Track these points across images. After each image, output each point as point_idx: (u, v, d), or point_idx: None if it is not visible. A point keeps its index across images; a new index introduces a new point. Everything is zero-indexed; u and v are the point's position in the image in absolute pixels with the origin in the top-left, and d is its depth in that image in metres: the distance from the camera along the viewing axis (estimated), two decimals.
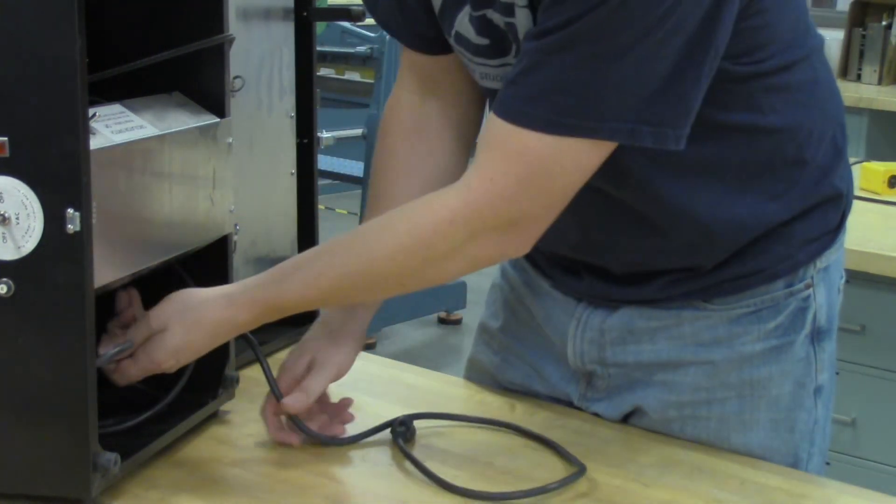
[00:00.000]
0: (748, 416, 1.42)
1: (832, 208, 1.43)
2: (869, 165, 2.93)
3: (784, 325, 1.41)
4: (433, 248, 1.26)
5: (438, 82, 1.49)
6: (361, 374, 1.57)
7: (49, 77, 1.12)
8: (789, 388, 1.42)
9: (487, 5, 1.31)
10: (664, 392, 1.44)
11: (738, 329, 1.41)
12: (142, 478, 1.27)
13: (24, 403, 1.16)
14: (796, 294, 1.41)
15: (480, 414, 1.48)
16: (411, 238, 1.26)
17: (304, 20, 1.64)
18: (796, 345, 1.42)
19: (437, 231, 1.25)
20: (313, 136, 1.68)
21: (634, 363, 1.45)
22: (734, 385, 1.42)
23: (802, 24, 1.36)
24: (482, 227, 1.24)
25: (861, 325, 2.55)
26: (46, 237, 1.13)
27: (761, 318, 1.40)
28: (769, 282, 1.40)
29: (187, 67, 1.37)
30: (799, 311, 1.42)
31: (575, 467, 1.32)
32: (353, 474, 1.31)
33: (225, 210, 1.40)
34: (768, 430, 1.42)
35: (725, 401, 1.42)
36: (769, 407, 1.42)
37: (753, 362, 1.41)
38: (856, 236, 2.49)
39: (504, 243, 1.27)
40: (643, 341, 1.44)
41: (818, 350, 1.43)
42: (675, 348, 1.42)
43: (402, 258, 1.27)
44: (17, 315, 1.15)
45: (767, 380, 1.41)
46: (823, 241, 1.43)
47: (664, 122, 1.20)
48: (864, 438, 2.63)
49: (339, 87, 5.28)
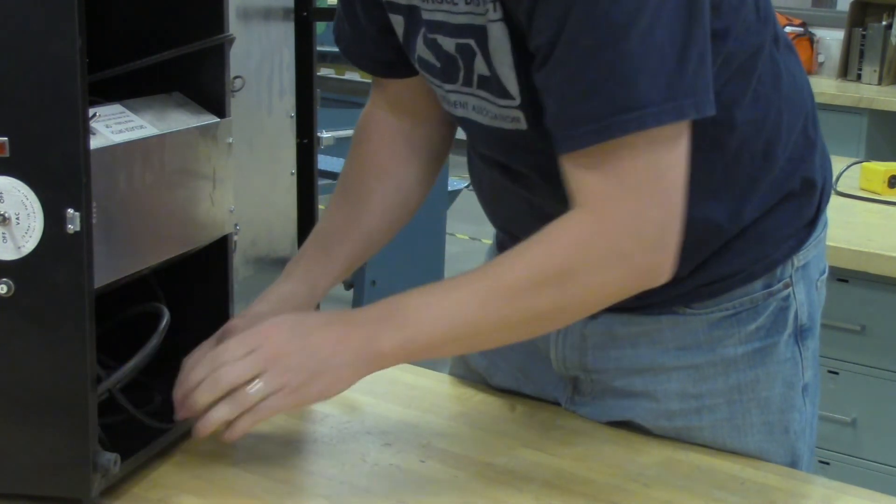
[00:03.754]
0: (740, 422, 1.41)
1: (806, 201, 1.41)
2: (869, 165, 2.93)
3: (766, 327, 1.41)
4: (572, 277, 1.23)
5: (407, 102, 1.49)
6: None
7: (49, 77, 1.12)
8: (779, 390, 1.42)
9: (438, 30, 1.30)
10: (651, 402, 1.43)
11: (718, 332, 1.40)
12: (142, 478, 1.27)
13: (24, 403, 1.16)
14: (775, 294, 1.41)
15: (481, 414, 1.48)
16: (544, 274, 1.23)
17: (304, 20, 1.64)
18: (780, 346, 1.42)
19: (572, 256, 1.23)
20: (313, 136, 1.68)
21: (615, 369, 1.44)
22: (722, 391, 1.41)
23: (763, 12, 1.34)
24: (619, 251, 1.22)
25: (861, 325, 2.55)
26: (46, 237, 1.13)
27: (741, 320, 1.40)
28: (746, 283, 1.39)
29: (187, 67, 1.37)
30: (780, 311, 1.41)
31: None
32: (353, 474, 1.31)
33: (225, 210, 1.40)
34: (763, 433, 1.42)
35: (715, 407, 1.42)
36: (761, 410, 1.42)
37: (738, 366, 1.41)
38: (856, 236, 2.49)
39: (642, 266, 1.24)
40: (625, 346, 1.43)
41: (803, 349, 1.43)
42: (657, 353, 1.42)
43: (535, 294, 1.24)
44: (17, 315, 1.15)
45: (755, 382, 1.41)
46: (800, 236, 1.42)
47: (698, 90, 1.19)
48: (864, 438, 2.63)
49: (339, 87, 5.28)
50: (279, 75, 1.62)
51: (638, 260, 1.23)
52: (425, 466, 1.33)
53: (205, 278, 1.39)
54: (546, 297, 1.24)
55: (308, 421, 1.44)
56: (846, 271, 2.45)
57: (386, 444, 1.38)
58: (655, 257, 1.23)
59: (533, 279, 1.23)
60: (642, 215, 1.22)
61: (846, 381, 2.62)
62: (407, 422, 1.45)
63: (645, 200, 1.21)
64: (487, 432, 1.44)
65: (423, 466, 1.33)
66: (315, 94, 1.68)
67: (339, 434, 1.41)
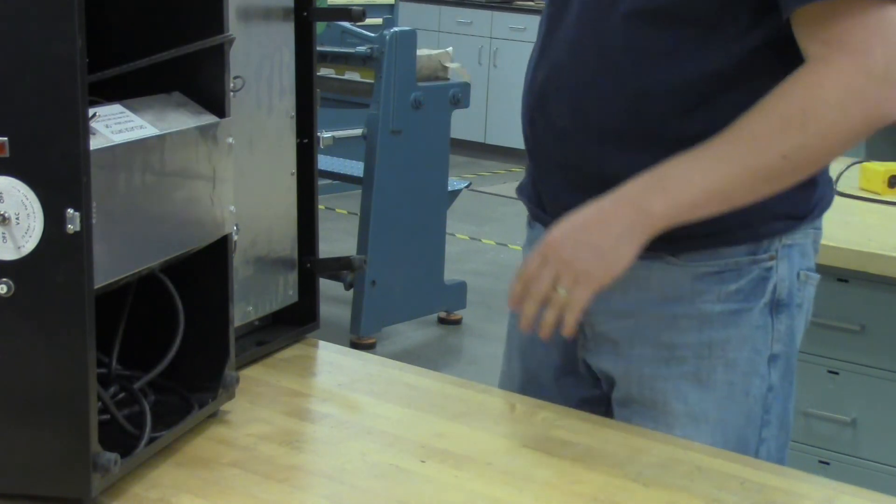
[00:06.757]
0: (705, 376, 1.52)
1: (801, 193, 1.50)
2: (869, 165, 2.93)
3: (745, 291, 1.51)
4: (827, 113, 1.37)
5: None
6: (361, 374, 1.57)
7: (49, 77, 1.12)
8: (746, 354, 1.52)
9: None
10: (628, 347, 1.53)
11: (700, 286, 1.51)
12: (142, 478, 1.27)
13: (24, 403, 1.16)
14: (759, 263, 1.51)
15: (481, 414, 1.48)
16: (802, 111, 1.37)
17: (304, 20, 1.64)
18: (755, 312, 1.52)
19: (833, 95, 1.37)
20: (313, 136, 1.68)
21: (604, 311, 1.53)
22: (693, 345, 1.51)
23: None
24: (853, 88, 1.36)
25: (861, 325, 2.55)
26: (46, 237, 1.13)
27: (724, 279, 1.50)
28: (730, 245, 1.50)
29: (187, 67, 1.37)
30: (760, 279, 1.51)
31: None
32: (353, 474, 1.31)
33: (225, 210, 1.40)
34: (725, 391, 1.52)
35: (684, 360, 1.52)
36: (726, 369, 1.52)
37: (713, 324, 1.51)
38: (856, 236, 2.49)
39: (874, 100, 1.37)
40: (615, 291, 1.49)
41: (776, 321, 1.53)
42: (642, 300, 1.52)
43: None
44: (17, 315, 1.15)
45: (725, 342, 1.51)
46: (788, 223, 1.52)
47: None
48: (864, 438, 2.62)
49: (339, 87, 5.28)
50: (279, 75, 1.62)
51: (870, 94, 1.36)
52: (425, 466, 1.33)
53: (205, 278, 1.39)
54: (790, 140, 1.38)
55: (308, 421, 1.45)
56: (846, 271, 2.45)
57: (386, 444, 1.39)
58: (885, 91, 1.36)
59: (775, 124, 1.38)
60: (870, 54, 1.35)
61: (846, 381, 2.61)
62: (407, 422, 1.45)
63: (872, 42, 1.35)
64: (487, 432, 1.44)
65: (423, 466, 1.33)
66: (315, 94, 1.68)
67: (339, 434, 1.41)
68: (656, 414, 1.54)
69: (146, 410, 1.32)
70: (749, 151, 1.39)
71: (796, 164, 1.40)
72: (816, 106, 1.37)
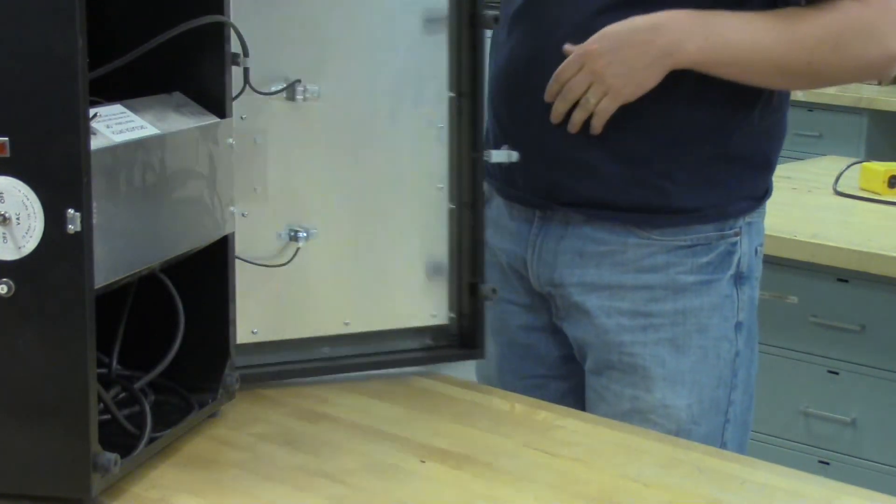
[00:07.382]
0: (681, 342, 1.65)
1: (760, 178, 1.71)
2: (869, 165, 2.93)
3: (714, 264, 1.66)
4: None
5: None
6: (361, 373, 1.57)
7: (49, 77, 1.12)
8: (716, 321, 1.66)
9: None
10: (605, 318, 1.66)
11: (674, 259, 1.65)
12: (142, 478, 1.28)
13: (24, 403, 1.16)
14: (726, 238, 1.67)
15: (481, 414, 1.48)
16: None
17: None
18: (723, 282, 1.67)
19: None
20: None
21: (579, 284, 1.67)
22: (669, 313, 1.65)
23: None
24: (877, 31, 1.58)
25: (861, 325, 2.55)
26: (47, 237, 1.13)
27: (695, 253, 1.65)
28: (701, 223, 1.65)
29: (188, 68, 1.36)
30: (727, 253, 1.67)
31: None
32: (353, 474, 1.31)
33: (225, 210, 1.40)
34: (699, 356, 1.66)
35: (661, 327, 1.65)
36: (699, 335, 1.66)
37: (687, 293, 1.65)
38: (856, 236, 2.49)
39: (890, 49, 1.59)
40: (589, 266, 1.66)
41: (739, 292, 1.68)
42: (617, 273, 1.65)
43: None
44: (17, 315, 1.15)
45: (699, 310, 1.66)
46: (750, 203, 1.70)
47: None
48: (864, 438, 2.63)
49: None
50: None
51: (888, 42, 1.58)
52: (425, 466, 1.33)
53: (205, 278, 1.39)
54: (819, 55, 1.58)
55: (308, 421, 1.45)
56: (846, 271, 2.45)
57: (386, 444, 1.38)
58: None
59: (817, 37, 1.57)
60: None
61: (846, 381, 2.62)
62: (407, 422, 1.45)
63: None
64: (487, 432, 1.44)
65: (423, 466, 1.33)
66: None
67: (340, 434, 1.41)
68: (636, 379, 1.66)
69: (146, 410, 1.32)
70: (787, 51, 1.57)
71: (814, 73, 1.61)
72: (849, 37, 1.58)
